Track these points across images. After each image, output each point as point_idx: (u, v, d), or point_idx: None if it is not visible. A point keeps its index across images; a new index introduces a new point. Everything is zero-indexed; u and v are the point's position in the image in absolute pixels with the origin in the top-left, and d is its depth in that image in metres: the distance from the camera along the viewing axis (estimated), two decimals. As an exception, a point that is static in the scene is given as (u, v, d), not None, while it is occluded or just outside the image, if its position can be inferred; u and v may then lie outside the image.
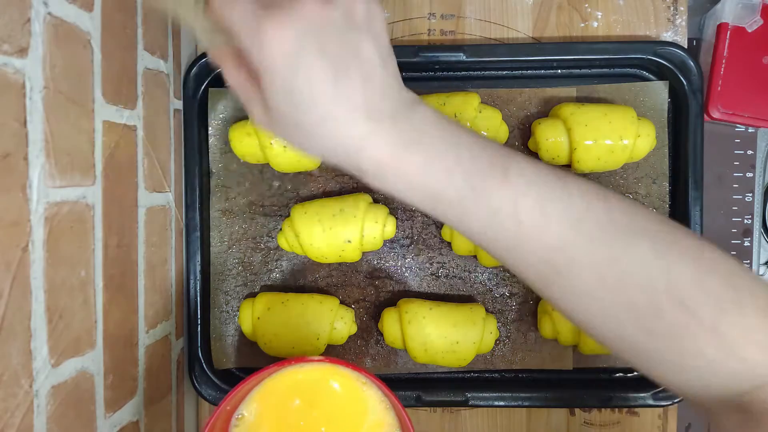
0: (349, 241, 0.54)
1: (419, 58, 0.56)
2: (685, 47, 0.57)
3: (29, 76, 0.34)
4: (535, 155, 0.57)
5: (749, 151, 0.61)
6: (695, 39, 0.61)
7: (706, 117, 0.57)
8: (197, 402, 0.61)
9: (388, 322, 0.55)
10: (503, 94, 0.58)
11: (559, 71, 0.58)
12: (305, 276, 0.59)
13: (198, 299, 0.58)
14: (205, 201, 0.59)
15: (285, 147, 0.54)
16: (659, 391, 0.56)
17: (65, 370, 0.38)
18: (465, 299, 0.59)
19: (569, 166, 0.56)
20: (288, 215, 0.57)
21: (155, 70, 0.51)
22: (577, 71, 0.58)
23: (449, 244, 0.57)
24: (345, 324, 0.56)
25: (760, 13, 0.57)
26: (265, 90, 0.30)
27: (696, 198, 0.55)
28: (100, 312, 0.42)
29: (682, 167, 0.56)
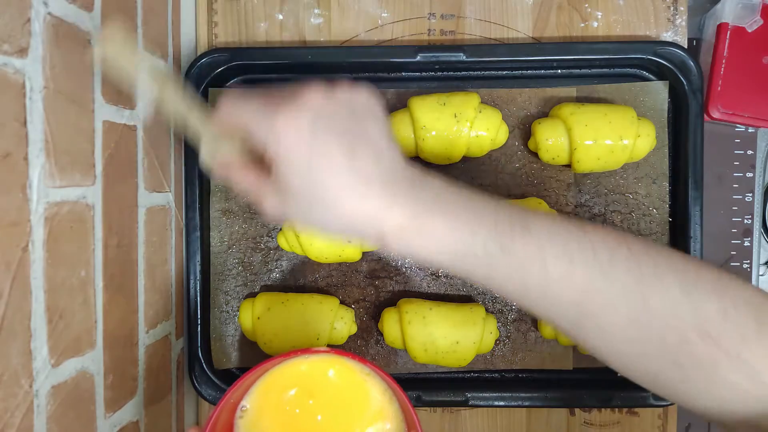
0: (349, 241, 0.54)
1: (419, 58, 0.56)
2: (685, 47, 0.57)
3: (29, 76, 0.34)
4: (535, 155, 0.57)
5: (749, 151, 0.61)
6: (695, 39, 0.61)
7: (706, 117, 0.57)
8: (197, 402, 0.61)
9: (388, 322, 0.55)
10: (503, 94, 0.58)
11: (559, 71, 0.58)
12: (305, 276, 0.59)
13: (198, 299, 0.58)
14: (205, 201, 0.59)
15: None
16: (659, 391, 0.56)
17: (65, 370, 0.38)
18: (465, 299, 0.59)
19: (569, 166, 0.56)
20: (288, 215, 0.57)
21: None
22: (577, 71, 0.58)
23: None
24: (345, 324, 0.56)
25: (760, 13, 0.57)
26: (282, 177, 0.32)
27: (696, 198, 0.55)
28: (100, 312, 0.42)
29: (682, 167, 0.56)
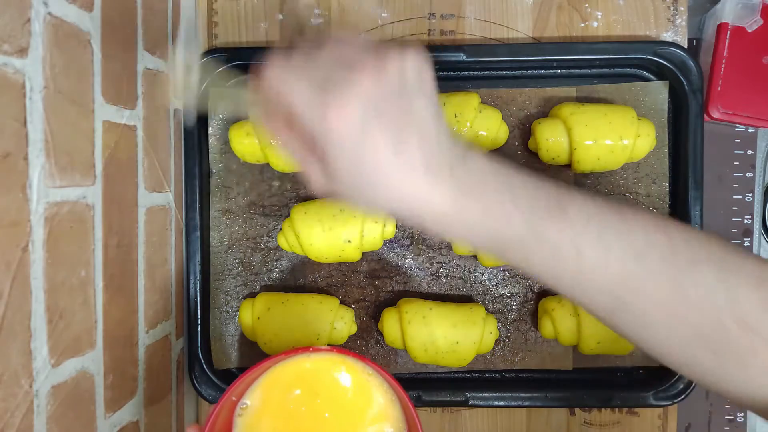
0: (349, 241, 0.54)
1: (419, 58, 0.56)
2: (685, 47, 0.57)
3: (29, 76, 0.34)
4: (535, 155, 0.57)
5: (749, 151, 0.61)
6: (695, 39, 0.61)
7: (706, 117, 0.57)
8: (197, 402, 0.61)
9: (388, 322, 0.55)
10: (503, 94, 0.58)
11: (559, 71, 0.58)
12: (305, 276, 0.59)
13: (198, 299, 0.58)
14: (205, 201, 0.59)
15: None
16: (659, 391, 0.56)
17: (65, 370, 0.38)
18: (465, 299, 0.59)
19: (569, 166, 0.56)
20: (288, 215, 0.57)
21: (155, 70, 0.51)
22: (577, 71, 0.58)
23: (449, 244, 0.57)
24: (345, 324, 0.56)
25: (760, 13, 0.57)
26: (331, 160, 0.32)
27: (696, 198, 0.55)
28: (100, 312, 0.42)
29: (682, 167, 0.56)
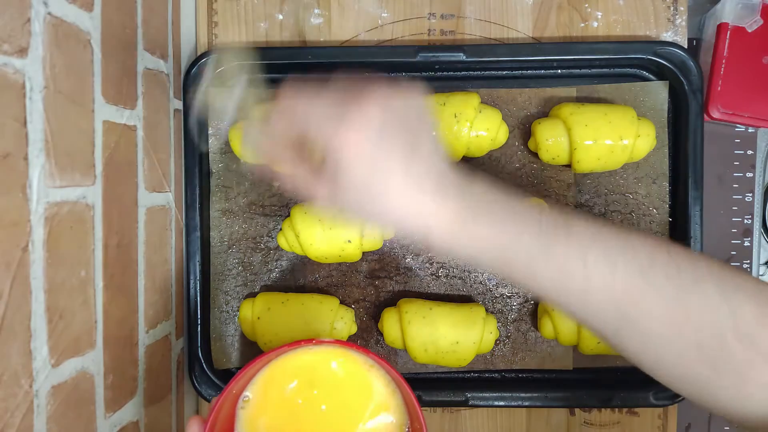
0: (349, 241, 0.54)
1: (419, 58, 0.56)
2: (685, 47, 0.57)
3: (29, 76, 0.34)
4: (535, 155, 0.57)
5: (749, 151, 0.61)
6: (695, 39, 0.61)
7: (706, 117, 0.57)
8: (197, 402, 0.61)
9: (388, 322, 0.55)
10: (503, 94, 0.58)
11: (559, 71, 0.58)
12: (305, 276, 0.59)
13: (198, 299, 0.58)
14: (205, 201, 0.59)
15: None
16: (659, 391, 0.56)
17: (65, 370, 0.38)
18: (465, 299, 0.59)
19: (569, 166, 0.56)
20: (288, 215, 0.57)
21: (155, 70, 0.51)
22: (577, 71, 0.58)
23: (449, 244, 0.57)
24: (345, 324, 0.56)
25: (760, 13, 0.57)
26: (342, 176, 0.34)
27: (696, 198, 0.55)
28: (100, 312, 0.42)
29: (682, 167, 0.56)
